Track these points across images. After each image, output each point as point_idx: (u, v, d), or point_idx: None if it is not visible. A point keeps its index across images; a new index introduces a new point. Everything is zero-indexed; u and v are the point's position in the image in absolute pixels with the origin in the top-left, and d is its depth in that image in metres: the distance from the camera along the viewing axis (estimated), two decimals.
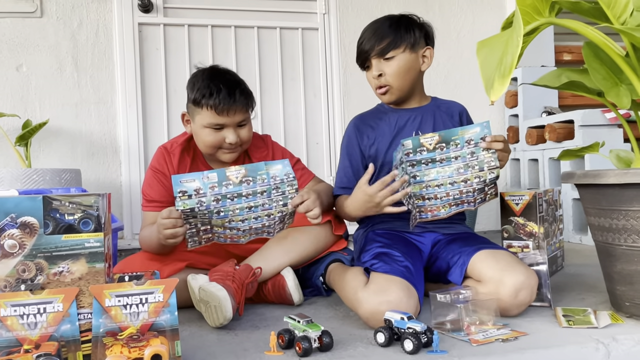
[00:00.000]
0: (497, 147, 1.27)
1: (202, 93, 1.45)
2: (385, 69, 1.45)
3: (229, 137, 1.48)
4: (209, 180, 1.24)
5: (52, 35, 2.60)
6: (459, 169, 1.29)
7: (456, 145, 1.28)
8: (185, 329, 1.27)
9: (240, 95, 1.47)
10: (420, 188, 1.32)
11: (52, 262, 0.98)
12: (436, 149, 1.28)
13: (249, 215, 1.30)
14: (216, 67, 1.54)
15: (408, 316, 1.07)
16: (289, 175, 1.29)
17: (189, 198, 1.24)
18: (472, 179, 1.30)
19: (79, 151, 2.62)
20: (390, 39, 1.43)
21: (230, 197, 1.26)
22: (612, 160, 1.26)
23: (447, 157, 1.29)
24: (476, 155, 1.28)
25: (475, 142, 1.28)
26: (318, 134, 2.96)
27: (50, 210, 0.99)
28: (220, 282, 1.26)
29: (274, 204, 1.30)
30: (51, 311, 0.95)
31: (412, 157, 1.30)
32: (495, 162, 1.28)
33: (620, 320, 1.19)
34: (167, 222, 1.27)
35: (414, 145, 1.29)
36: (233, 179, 1.25)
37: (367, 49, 1.45)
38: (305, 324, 1.07)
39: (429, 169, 1.30)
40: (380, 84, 1.47)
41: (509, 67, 1.01)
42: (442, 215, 1.36)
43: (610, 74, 1.17)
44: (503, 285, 1.22)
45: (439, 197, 1.33)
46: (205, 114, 1.47)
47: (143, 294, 0.98)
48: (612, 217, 1.17)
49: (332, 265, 1.54)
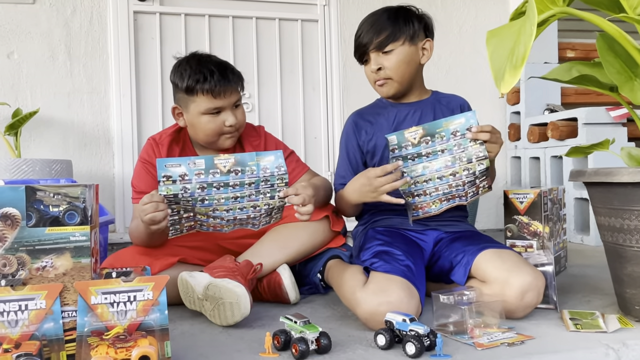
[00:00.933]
0: (483, 138, 1.22)
1: (194, 79, 1.42)
2: (384, 62, 1.40)
3: (229, 119, 1.46)
4: (195, 167, 1.19)
5: (44, 22, 2.53)
6: (446, 162, 1.25)
7: (442, 137, 1.24)
8: (175, 328, 1.22)
9: (233, 75, 1.46)
10: (408, 185, 1.28)
11: (35, 256, 0.92)
12: (421, 142, 1.24)
13: (234, 206, 1.25)
14: (198, 53, 1.52)
15: (410, 318, 1.02)
16: (280, 167, 1.24)
17: (173, 183, 1.19)
18: (460, 171, 1.26)
19: (71, 142, 2.56)
20: (389, 32, 1.39)
21: (216, 186, 1.21)
22: (624, 158, 1.22)
23: (433, 151, 1.25)
24: (463, 147, 1.24)
25: (462, 134, 1.23)
26: (316, 128, 2.90)
27: (34, 201, 0.93)
28: (233, 278, 1.21)
29: (261, 195, 1.26)
30: (33, 308, 0.89)
31: (397, 153, 1.26)
32: (483, 153, 1.24)
33: (630, 324, 1.14)
34: (147, 207, 1.21)
35: (399, 140, 1.25)
36: (221, 167, 1.20)
37: (365, 42, 1.41)
38: (303, 324, 1.02)
39: (416, 164, 1.26)
40: (379, 77, 1.42)
41: (522, 57, 0.96)
42: (433, 211, 1.33)
43: (625, 67, 1.12)
44: (509, 287, 1.17)
45: (428, 193, 1.30)
46: (201, 100, 1.43)
47: (131, 291, 0.92)
48: (623, 217, 1.13)
49: (330, 261, 1.49)
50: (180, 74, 1.46)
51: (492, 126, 1.25)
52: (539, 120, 2.77)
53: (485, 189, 1.35)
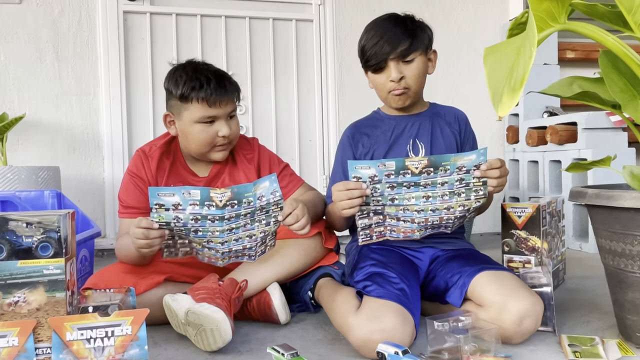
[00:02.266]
0: (492, 175, 1.16)
1: (190, 86, 1.37)
2: (406, 71, 1.34)
3: (222, 129, 1.41)
4: (190, 197, 1.13)
5: (31, 23, 2.46)
6: (443, 195, 1.18)
7: (445, 170, 1.16)
8: (160, 354, 1.17)
9: (230, 85, 1.42)
10: (396, 210, 1.21)
11: (7, 291, 0.87)
12: (422, 173, 1.16)
13: (229, 237, 1.20)
14: (194, 61, 1.47)
15: (403, 350, 0.98)
16: (275, 193, 1.18)
17: (166, 211, 1.13)
18: (455, 207, 1.20)
19: (60, 146, 2.50)
20: (411, 41, 1.33)
21: (210, 219, 1.15)
22: (626, 178, 1.17)
23: (432, 182, 1.17)
24: (465, 182, 1.17)
25: (467, 169, 1.16)
26: (311, 130, 2.85)
27: (6, 231, 0.88)
28: (212, 302, 1.16)
29: (257, 224, 1.20)
30: (5, 346, 0.85)
31: (393, 179, 1.17)
32: (483, 192, 1.18)
33: (630, 352, 1.10)
34: (138, 232, 1.17)
35: (397, 167, 1.16)
36: (217, 201, 1.13)
37: (388, 50, 1.33)
38: (290, 357, 0.97)
39: (410, 192, 1.18)
40: (399, 87, 1.35)
41: (520, 80, 0.90)
42: (415, 237, 1.26)
43: (629, 86, 1.07)
44: (506, 312, 1.13)
45: (416, 222, 1.22)
46: (195, 108, 1.39)
47: (109, 326, 0.88)
48: (625, 242, 1.08)
49: (321, 280, 1.45)
50: (175, 81, 1.41)
51: (501, 160, 1.18)
52: (538, 124, 2.72)
53: (470, 219, 1.31)
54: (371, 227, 1.24)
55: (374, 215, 1.22)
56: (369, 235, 1.25)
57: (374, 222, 1.23)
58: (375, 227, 1.24)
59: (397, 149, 1.41)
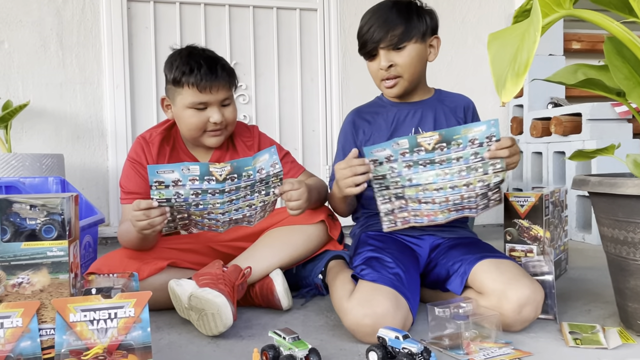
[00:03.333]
0: (502, 155, 1.14)
1: (181, 71, 1.38)
2: (397, 59, 1.33)
3: (214, 116, 1.40)
4: (189, 172, 1.13)
5: (35, 11, 2.46)
6: (460, 171, 1.16)
7: (458, 145, 1.14)
8: (163, 337, 1.18)
9: (222, 71, 1.40)
10: (416, 191, 1.20)
11: (11, 272, 0.88)
12: (435, 149, 1.15)
13: (230, 208, 1.21)
14: (193, 46, 1.47)
15: (403, 335, 0.98)
16: (275, 165, 1.18)
17: (166, 188, 1.14)
18: (475, 183, 1.18)
19: (64, 134, 2.51)
20: (403, 28, 1.31)
21: (211, 192, 1.16)
22: (629, 166, 1.17)
23: (447, 159, 1.16)
24: (480, 156, 1.15)
25: (480, 142, 1.14)
26: (314, 120, 2.84)
27: (9, 214, 0.88)
28: (214, 287, 1.17)
29: (256, 194, 1.21)
30: (9, 327, 0.85)
31: (408, 158, 1.17)
32: (501, 164, 1.16)
33: (631, 339, 1.10)
34: (138, 214, 1.17)
35: (411, 144, 1.15)
36: (217, 175, 1.14)
37: (378, 38, 1.31)
38: (292, 341, 0.98)
39: (427, 170, 1.17)
40: (389, 75, 1.34)
41: (524, 65, 0.90)
42: (440, 220, 1.25)
43: (634, 73, 1.06)
44: (506, 300, 1.13)
45: (437, 202, 1.20)
46: (186, 93, 1.39)
47: (112, 308, 0.88)
48: (627, 230, 1.08)
49: (332, 262, 1.46)
50: (170, 65, 1.42)
51: (511, 139, 1.16)
52: (542, 115, 2.70)
53: (496, 202, 1.27)
54: (394, 213, 1.23)
55: (395, 200, 1.22)
56: (393, 222, 1.25)
57: (397, 207, 1.22)
58: (398, 212, 1.23)
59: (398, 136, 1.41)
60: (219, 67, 1.40)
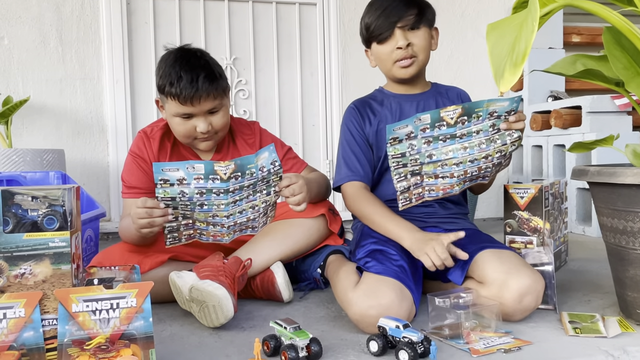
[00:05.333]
0: (519, 127, 1.15)
1: (163, 81, 1.34)
2: (414, 39, 1.34)
3: (200, 125, 1.37)
4: (194, 171, 1.13)
5: (35, 7, 2.46)
6: (480, 144, 1.16)
7: (478, 117, 1.14)
8: (165, 329, 1.19)
9: (205, 82, 1.32)
10: (434, 167, 1.19)
11: (13, 263, 0.88)
12: (457, 123, 1.14)
13: (234, 210, 1.20)
14: (183, 49, 1.40)
15: (404, 324, 0.99)
16: (274, 163, 1.18)
17: (171, 186, 1.14)
18: (493, 154, 1.17)
19: (64, 129, 2.51)
20: (418, 9, 1.33)
21: (215, 192, 1.16)
22: (628, 156, 1.17)
23: (468, 132, 1.15)
24: (496, 127, 1.15)
25: (499, 115, 1.14)
26: (314, 115, 2.85)
27: (11, 205, 0.89)
28: (215, 279, 1.18)
29: (258, 194, 1.21)
30: (12, 317, 0.86)
31: (428, 133, 1.15)
32: (517, 133, 1.16)
33: (631, 328, 1.11)
34: (140, 212, 1.18)
35: (433, 119, 1.14)
36: (221, 174, 1.14)
37: (396, 18, 1.32)
38: (293, 331, 0.98)
39: (447, 146, 1.16)
40: (406, 55, 1.34)
41: (522, 54, 0.90)
42: (455, 192, 1.24)
43: (633, 63, 1.07)
44: (507, 289, 1.13)
45: (455, 176, 1.20)
46: (171, 103, 1.36)
47: (114, 298, 0.89)
48: (627, 219, 1.08)
49: (331, 257, 1.46)
50: (157, 70, 1.39)
51: (524, 115, 1.18)
52: (542, 108, 2.70)
53: (505, 166, 1.28)
54: (409, 190, 1.22)
55: (411, 177, 1.20)
56: (408, 199, 1.24)
57: (412, 183, 1.21)
58: (413, 189, 1.23)
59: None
60: (202, 77, 1.32)
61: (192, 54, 1.39)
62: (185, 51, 1.40)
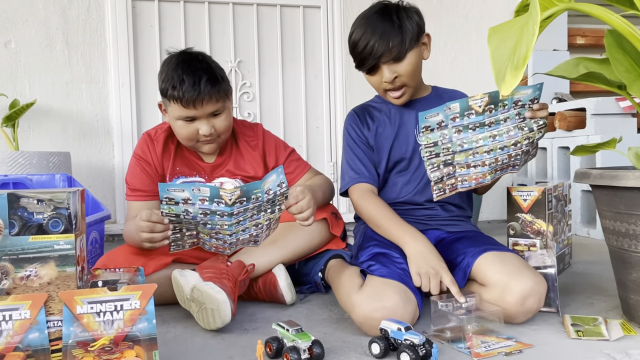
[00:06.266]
0: (542, 115, 1.16)
1: (166, 85, 1.35)
2: (400, 69, 1.32)
3: (202, 128, 1.39)
4: (199, 193, 1.13)
5: (41, 10, 2.48)
6: (509, 131, 1.17)
7: (504, 106, 1.16)
8: (169, 331, 1.20)
9: (207, 85, 1.34)
10: (466, 156, 1.19)
11: (19, 265, 0.90)
12: (485, 111, 1.16)
13: (237, 229, 1.21)
14: (185, 53, 1.42)
15: (405, 327, 0.99)
16: (282, 185, 1.17)
17: (176, 204, 1.15)
18: (522, 141, 1.18)
19: (70, 132, 2.53)
20: (400, 39, 1.29)
21: (219, 214, 1.16)
22: (631, 159, 1.17)
23: (496, 120, 1.17)
24: (522, 115, 1.17)
25: (523, 103, 1.16)
26: (318, 117, 2.85)
27: (17, 208, 0.90)
28: (217, 282, 1.19)
29: (262, 213, 1.21)
30: (17, 318, 0.87)
31: (458, 122, 1.16)
32: (542, 120, 1.18)
33: (633, 331, 1.11)
34: (143, 225, 1.19)
35: (462, 108, 1.15)
36: (226, 200, 1.13)
37: (379, 54, 1.29)
38: (295, 333, 0.99)
39: (477, 134, 1.17)
40: (395, 86, 1.34)
41: (523, 58, 0.91)
42: (487, 181, 1.24)
43: (634, 65, 1.07)
44: (509, 292, 1.13)
45: (487, 164, 1.20)
46: (173, 106, 1.37)
47: (118, 300, 0.90)
48: (629, 222, 1.08)
49: (332, 261, 1.47)
50: (160, 74, 1.40)
51: (547, 104, 1.20)
52: None
53: (534, 155, 1.29)
54: (443, 181, 1.23)
55: (444, 167, 1.21)
56: (442, 190, 1.24)
57: (445, 174, 1.22)
58: (446, 179, 1.23)
59: (404, 133, 1.41)
60: (204, 81, 1.34)
61: (194, 57, 1.40)
62: (187, 55, 1.41)
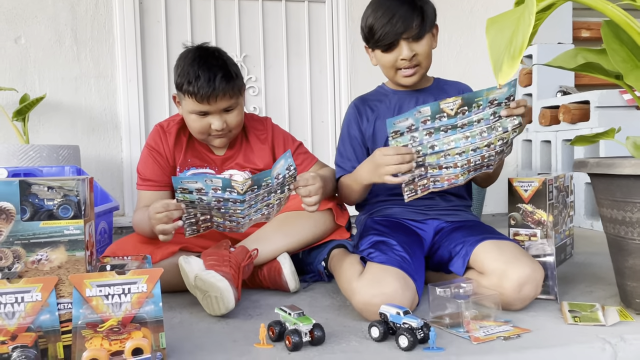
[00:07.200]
0: (519, 113, 1.15)
1: (182, 80, 1.39)
2: (418, 48, 1.36)
3: (215, 123, 1.43)
4: (212, 184, 1.17)
5: (50, 6, 2.52)
6: (482, 132, 1.18)
7: (478, 107, 1.15)
8: (175, 316, 1.23)
9: (222, 82, 1.37)
10: (437, 157, 1.21)
11: (30, 249, 0.93)
12: (458, 113, 1.16)
13: (250, 212, 1.25)
14: (201, 48, 1.45)
15: (404, 311, 1.02)
16: (290, 168, 1.21)
17: (190, 193, 1.19)
18: (495, 142, 1.19)
19: (79, 126, 2.57)
20: (421, 19, 1.34)
21: (232, 201, 1.20)
22: (629, 148, 1.18)
23: (469, 122, 1.17)
24: (498, 115, 1.17)
25: (499, 102, 1.15)
26: (323, 112, 2.88)
27: (28, 194, 0.94)
28: (219, 270, 1.22)
29: (273, 194, 1.25)
30: (29, 301, 0.91)
31: (429, 125, 1.17)
32: (518, 120, 1.17)
33: (630, 317, 1.13)
34: (160, 216, 1.22)
35: (433, 111, 1.15)
36: (238, 189, 1.17)
37: (402, 30, 1.33)
38: (297, 317, 1.02)
39: (448, 136, 1.18)
40: (410, 65, 1.37)
41: (519, 48, 0.93)
42: (460, 182, 1.26)
43: (631, 55, 1.08)
44: (507, 279, 1.16)
45: (459, 166, 1.22)
46: (188, 100, 1.41)
47: (125, 283, 0.93)
48: (625, 210, 1.10)
49: (334, 250, 1.49)
50: (176, 68, 1.44)
51: (526, 100, 1.20)
52: (551, 103, 2.71)
53: (509, 152, 1.29)
54: (414, 182, 1.24)
55: (415, 169, 1.22)
56: (413, 190, 1.26)
57: (417, 175, 1.23)
58: (418, 180, 1.24)
59: None
60: (219, 77, 1.37)
61: (210, 53, 1.43)
62: (204, 50, 1.44)
